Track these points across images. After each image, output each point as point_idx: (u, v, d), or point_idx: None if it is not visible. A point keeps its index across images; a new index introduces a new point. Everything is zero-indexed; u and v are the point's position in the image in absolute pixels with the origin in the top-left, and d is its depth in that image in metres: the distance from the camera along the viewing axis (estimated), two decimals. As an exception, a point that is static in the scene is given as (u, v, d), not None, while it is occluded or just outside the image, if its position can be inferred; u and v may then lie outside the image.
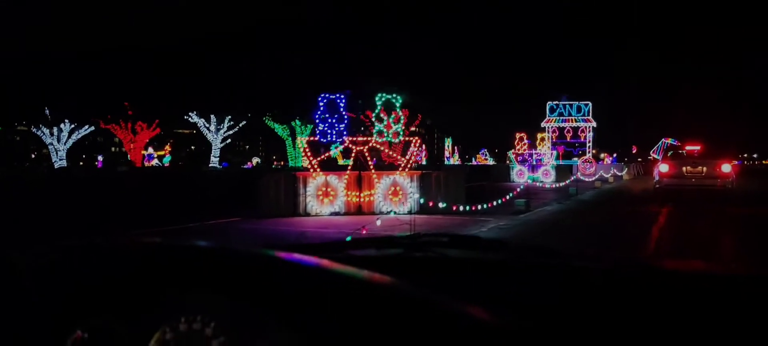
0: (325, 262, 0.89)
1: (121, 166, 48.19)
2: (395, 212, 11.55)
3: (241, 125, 50.23)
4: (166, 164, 61.19)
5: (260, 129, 54.67)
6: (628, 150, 64.52)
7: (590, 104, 34.53)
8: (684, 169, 15.40)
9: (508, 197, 12.26)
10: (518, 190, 12.42)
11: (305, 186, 11.45)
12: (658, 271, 1.39)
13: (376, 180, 11.70)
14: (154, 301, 0.89)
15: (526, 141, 30.12)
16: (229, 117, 49.24)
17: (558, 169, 27.90)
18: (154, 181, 29.90)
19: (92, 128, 49.89)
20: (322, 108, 11.61)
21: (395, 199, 11.69)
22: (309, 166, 11.53)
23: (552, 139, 34.67)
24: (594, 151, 63.01)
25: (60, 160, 48.44)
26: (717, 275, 1.42)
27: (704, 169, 15.17)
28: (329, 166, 12.23)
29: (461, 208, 11.57)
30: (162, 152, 67.48)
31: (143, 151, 59.37)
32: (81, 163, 67.96)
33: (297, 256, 0.92)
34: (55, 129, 47.67)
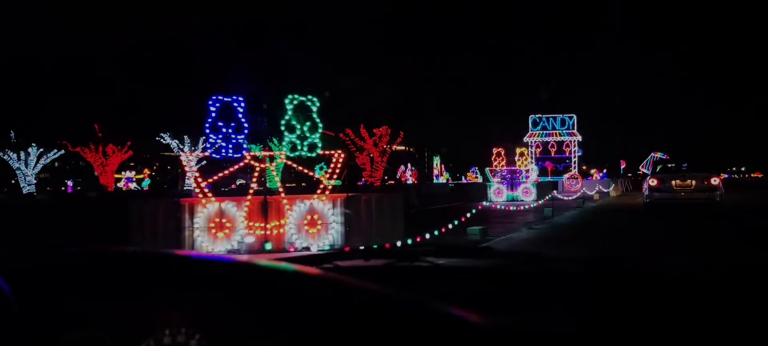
0: (310, 269, 0.88)
1: (90, 191, 45.32)
2: (319, 247, 8.79)
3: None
4: (146, 188, 58.21)
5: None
6: (617, 165, 61.82)
7: (575, 117, 31.93)
8: (673, 183, 15.20)
9: (449, 228, 9.43)
10: (467, 216, 9.64)
11: (192, 216, 8.67)
12: (640, 271, 1.38)
13: (287, 207, 8.93)
14: (137, 313, 0.87)
15: (517, 157, 27.45)
16: (204, 138, 46.41)
17: (541, 186, 25.20)
18: (105, 205, 27.08)
19: (62, 152, 46.98)
20: (213, 114, 8.86)
21: (313, 230, 8.92)
22: (197, 190, 8.76)
23: (535, 154, 32.02)
24: (584, 167, 60.50)
25: (29, 185, 45.49)
26: (696, 275, 1.41)
27: (693, 182, 15.02)
28: (221, 188, 9.41)
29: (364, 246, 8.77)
30: (140, 176, 64.68)
31: (120, 175, 56.53)
32: (63, 188, 65.03)
33: (281, 264, 0.90)
34: (22, 153, 44.75)
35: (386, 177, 63.21)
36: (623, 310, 1.08)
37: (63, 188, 63.38)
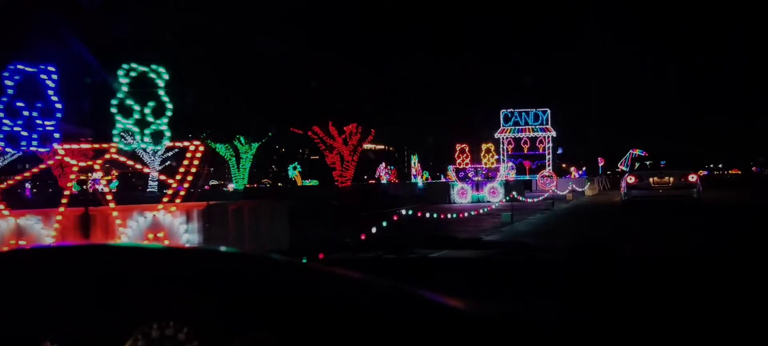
0: (297, 261, 0.87)
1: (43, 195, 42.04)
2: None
3: (183, 145, 44.38)
4: (114, 190, 55.14)
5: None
6: (595, 163, 59.54)
7: (548, 112, 29.39)
8: (651, 180, 14.86)
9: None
10: (377, 227, 6.96)
11: (-25, 237, 5.96)
12: (624, 262, 1.39)
13: (118, 222, 6.23)
14: (125, 307, 0.85)
15: (482, 154, 24.93)
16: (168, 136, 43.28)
17: (511, 185, 22.68)
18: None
19: (19, 153, 43.72)
20: (11, 90, 6.17)
21: (157, 253, 6.20)
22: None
23: (507, 151, 29.49)
24: (564, 166, 58.15)
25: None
26: (670, 260, 1.44)
27: (671, 179, 14.74)
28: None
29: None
30: (109, 177, 61.40)
31: (85, 176, 53.42)
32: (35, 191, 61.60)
33: (269, 255, 0.89)
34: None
35: (366, 177, 60.47)
36: (606, 299, 1.07)
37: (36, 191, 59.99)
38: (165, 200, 6.39)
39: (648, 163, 16.41)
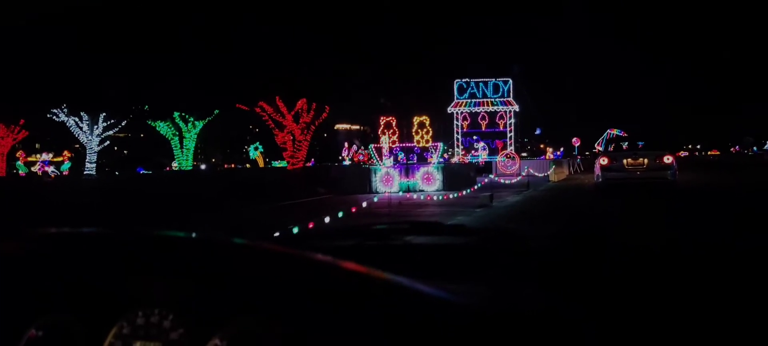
0: (280, 248, 0.85)
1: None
2: None
3: (123, 124, 38.90)
4: (65, 172, 49.74)
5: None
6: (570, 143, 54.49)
7: (510, 82, 23.99)
8: (625, 162, 13.96)
9: None
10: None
11: None
12: (610, 247, 1.35)
13: None
14: (110, 295, 0.81)
15: (414, 130, 19.81)
16: (105, 114, 37.77)
17: (452, 170, 17.46)
18: None
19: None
20: None
21: None
22: None
23: (462, 128, 24.20)
24: (542, 146, 52.09)
25: None
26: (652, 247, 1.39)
27: (645, 161, 13.85)
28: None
29: None
30: (60, 159, 55.92)
31: (34, 157, 47.93)
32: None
33: (252, 242, 0.85)
34: None
35: (341, 157, 55.14)
36: (589, 288, 1.04)
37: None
38: None
39: (624, 144, 15.45)
